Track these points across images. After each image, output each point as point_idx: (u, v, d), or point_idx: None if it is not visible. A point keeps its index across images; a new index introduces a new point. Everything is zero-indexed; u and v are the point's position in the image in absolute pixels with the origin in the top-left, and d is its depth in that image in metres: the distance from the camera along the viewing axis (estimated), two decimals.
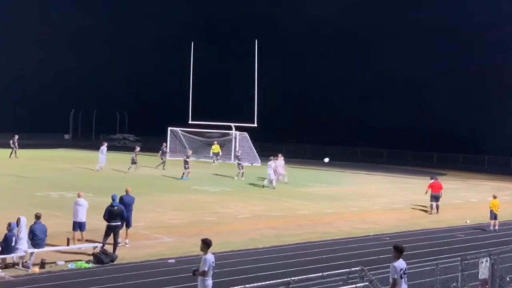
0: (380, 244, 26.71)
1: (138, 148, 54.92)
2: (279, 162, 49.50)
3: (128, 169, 52.76)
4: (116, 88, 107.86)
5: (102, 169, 53.10)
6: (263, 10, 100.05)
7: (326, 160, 48.04)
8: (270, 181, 46.43)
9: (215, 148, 63.97)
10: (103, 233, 23.39)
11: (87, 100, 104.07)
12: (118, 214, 23.47)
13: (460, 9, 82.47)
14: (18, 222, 21.49)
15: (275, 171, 47.16)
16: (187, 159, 50.93)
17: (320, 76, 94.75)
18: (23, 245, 21.11)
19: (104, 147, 54.17)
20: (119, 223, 23.61)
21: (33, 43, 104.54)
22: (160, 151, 58.50)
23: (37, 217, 22.02)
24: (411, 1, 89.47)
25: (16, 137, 62.84)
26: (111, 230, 23.21)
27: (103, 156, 53.83)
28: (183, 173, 49.93)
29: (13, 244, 20.84)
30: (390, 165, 72.19)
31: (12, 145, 61.82)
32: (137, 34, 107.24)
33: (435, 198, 37.61)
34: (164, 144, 61.95)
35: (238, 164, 53.43)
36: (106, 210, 23.39)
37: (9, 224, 21.27)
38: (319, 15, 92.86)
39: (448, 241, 28.45)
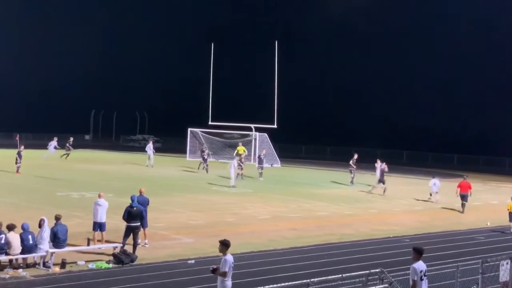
0: (400, 246, 26.62)
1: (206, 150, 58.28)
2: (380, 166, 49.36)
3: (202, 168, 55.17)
4: (137, 89, 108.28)
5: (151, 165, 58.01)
6: (283, 10, 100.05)
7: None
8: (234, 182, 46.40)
9: (241, 149, 63.49)
10: (123, 233, 23.49)
11: (108, 101, 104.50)
12: (137, 215, 23.54)
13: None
14: (40, 223, 21.63)
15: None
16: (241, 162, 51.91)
17: (340, 77, 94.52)
18: (45, 245, 21.25)
19: (150, 144, 60.38)
20: (139, 223, 23.67)
21: (54, 44, 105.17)
22: (201, 155, 58.14)
23: (57, 218, 22.09)
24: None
25: (71, 139, 64.16)
26: (130, 231, 23.29)
27: (151, 152, 59.14)
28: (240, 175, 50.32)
29: (30, 243, 20.97)
30: (410, 166, 71.87)
31: (67, 146, 62.81)
32: (158, 35, 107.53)
33: (463, 197, 38.10)
34: (205, 146, 62.53)
35: (259, 164, 53.45)
36: (125, 211, 23.47)
37: (22, 225, 21.42)
38: (340, 15, 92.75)
39: (468, 243, 28.32)
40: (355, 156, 51.51)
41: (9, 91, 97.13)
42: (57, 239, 21.56)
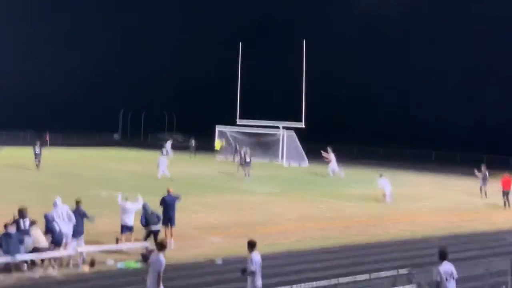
0: (428, 247, 26.48)
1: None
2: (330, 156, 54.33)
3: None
4: (165, 88, 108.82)
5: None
6: (311, 9, 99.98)
7: None
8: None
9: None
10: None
11: (136, 100, 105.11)
12: (156, 219, 24.14)
13: None
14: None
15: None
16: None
17: (369, 77, 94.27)
18: (68, 228, 21.76)
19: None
20: (159, 228, 24.17)
21: (83, 45, 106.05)
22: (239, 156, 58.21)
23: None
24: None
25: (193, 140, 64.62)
26: (151, 233, 23.71)
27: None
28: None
29: (57, 230, 21.37)
30: (438, 166, 71.40)
31: (191, 146, 62.34)
32: (186, 35, 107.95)
33: (506, 194, 39.26)
34: (244, 148, 62.65)
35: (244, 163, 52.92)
36: (142, 217, 24.06)
37: (45, 216, 21.78)
38: (368, 14, 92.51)
39: (497, 244, 28.08)
40: (329, 150, 55.35)
41: (39, 91, 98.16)
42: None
